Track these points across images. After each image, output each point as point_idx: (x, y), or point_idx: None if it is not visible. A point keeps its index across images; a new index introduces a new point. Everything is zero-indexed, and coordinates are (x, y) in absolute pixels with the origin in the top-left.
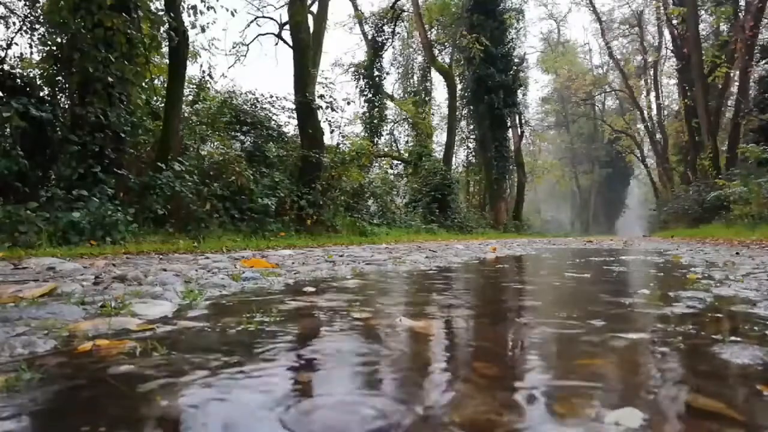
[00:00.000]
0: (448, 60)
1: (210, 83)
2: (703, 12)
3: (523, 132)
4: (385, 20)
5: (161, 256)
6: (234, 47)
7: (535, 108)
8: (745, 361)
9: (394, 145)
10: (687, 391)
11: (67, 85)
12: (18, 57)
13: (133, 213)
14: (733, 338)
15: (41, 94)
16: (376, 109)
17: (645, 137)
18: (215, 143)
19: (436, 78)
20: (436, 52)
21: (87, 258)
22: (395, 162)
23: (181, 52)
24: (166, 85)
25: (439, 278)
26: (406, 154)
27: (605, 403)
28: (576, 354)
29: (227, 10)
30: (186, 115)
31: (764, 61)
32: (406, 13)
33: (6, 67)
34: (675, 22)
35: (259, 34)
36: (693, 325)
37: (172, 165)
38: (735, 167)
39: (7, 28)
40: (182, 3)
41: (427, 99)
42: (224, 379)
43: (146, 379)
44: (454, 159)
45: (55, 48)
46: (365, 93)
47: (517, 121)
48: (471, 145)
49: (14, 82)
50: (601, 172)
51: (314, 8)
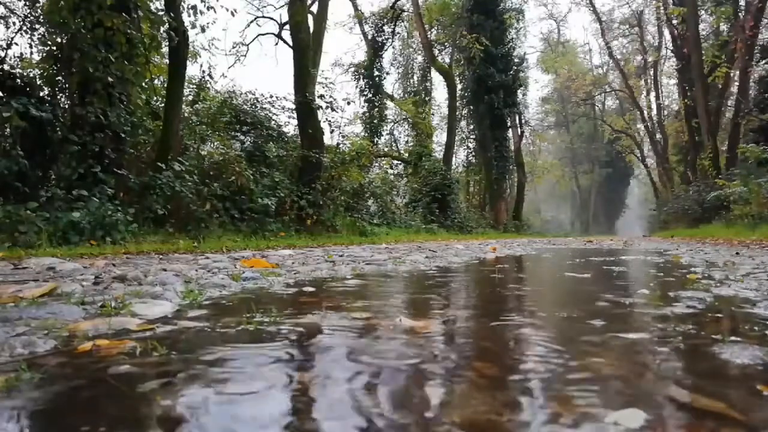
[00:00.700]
0: (448, 60)
1: (210, 83)
2: (703, 12)
3: (523, 132)
4: (385, 20)
5: (161, 256)
6: (234, 47)
7: (535, 108)
8: (745, 361)
9: (394, 145)
10: (687, 391)
11: (67, 85)
12: (18, 57)
13: (133, 213)
14: (733, 338)
15: (41, 94)
16: (376, 109)
17: (645, 137)
18: (215, 143)
19: (436, 78)
20: (436, 52)
21: (87, 258)
22: (395, 162)
23: (181, 52)
24: (166, 85)
25: (439, 278)
26: (406, 154)
27: (605, 403)
28: (576, 354)
29: (227, 10)
30: (186, 115)
31: (764, 61)
32: (406, 13)
33: (6, 67)
34: (675, 22)
35: (259, 34)
36: (693, 325)
37: (172, 165)
38: (735, 167)
39: (7, 28)
40: (182, 3)
41: (427, 99)
42: (224, 380)
43: (146, 379)
44: (454, 159)
45: (55, 48)
46: (365, 93)
47: (517, 121)
48: (471, 145)
49: (14, 82)
50: (601, 172)
51: (314, 8)
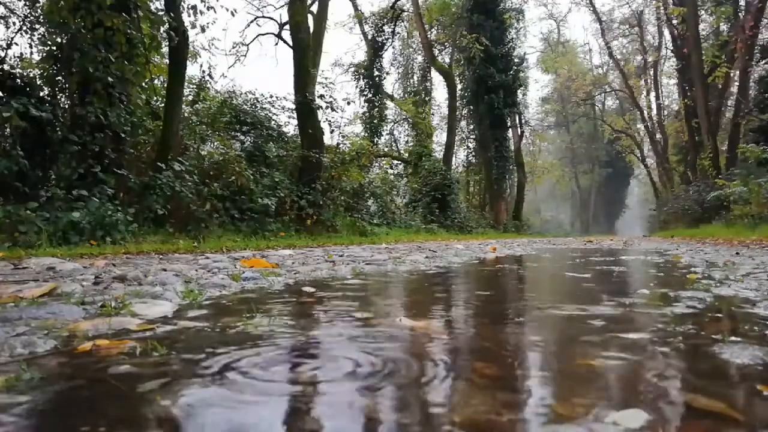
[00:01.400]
0: (448, 60)
1: (210, 83)
2: (703, 12)
3: (523, 132)
4: (385, 20)
5: (161, 256)
6: (234, 47)
7: (535, 108)
8: (745, 361)
9: (394, 145)
10: (687, 390)
11: (67, 85)
12: (18, 57)
13: (133, 213)
14: (733, 338)
15: (41, 94)
16: (376, 109)
17: (645, 137)
18: (215, 143)
19: (436, 78)
20: (436, 52)
21: (87, 258)
22: (395, 162)
23: (181, 52)
24: (166, 85)
25: (439, 278)
26: (406, 154)
27: (606, 403)
28: (576, 354)
29: (227, 10)
30: (186, 115)
31: (764, 61)
32: (406, 13)
33: (6, 67)
34: (675, 22)
35: (259, 34)
36: (693, 325)
37: (172, 165)
38: (735, 167)
39: (7, 28)
40: (182, 3)
41: (427, 99)
42: (224, 380)
43: (146, 379)
44: (454, 159)
45: (55, 48)
46: (365, 93)
47: (517, 121)
48: (471, 145)
49: (14, 82)
50: (601, 172)
51: (314, 8)
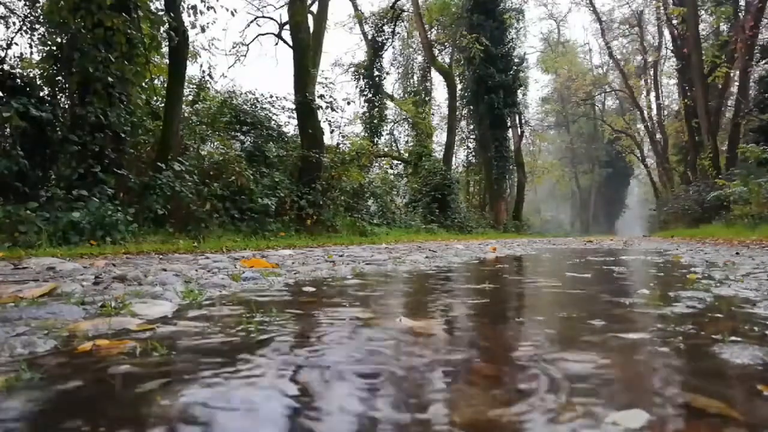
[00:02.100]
0: (448, 60)
1: (210, 83)
2: (703, 12)
3: (523, 132)
4: (385, 20)
5: (161, 256)
6: (234, 47)
7: (535, 108)
8: (745, 361)
9: (394, 145)
10: (687, 390)
11: (67, 85)
12: (18, 57)
13: (133, 213)
14: (733, 338)
15: (41, 94)
16: (376, 109)
17: (645, 137)
18: (215, 143)
19: (436, 78)
20: (436, 52)
21: (87, 258)
22: (395, 162)
23: (181, 52)
24: (166, 85)
25: (439, 278)
26: (406, 154)
27: (606, 403)
28: (576, 354)
29: (227, 10)
30: (186, 115)
31: (764, 61)
32: (406, 13)
33: (6, 67)
34: (675, 22)
35: (259, 34)
36: (693, 325)
37: (172, 165)
38: (735, 167)
39: (7, 28)
40: (182, 3)
41: (427, 99)
42: (224, 380)
43: (146, 379)
44: (454, 159)
45: (55, 48)
46: (365, 93)
47: (517, 121)
48: (471, 145)
49: (14, 82)
50: (601, 172)
51: (314, 8)
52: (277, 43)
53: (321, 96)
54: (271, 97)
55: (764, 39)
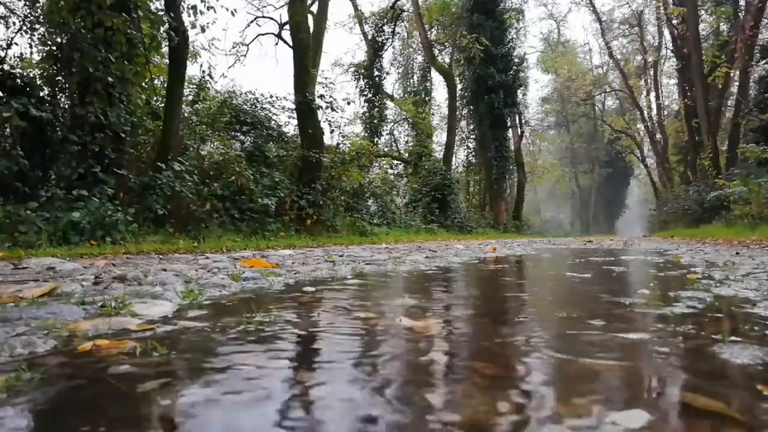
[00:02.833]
0: (448, 60)
1: (210, 83)
2: (703, 12)
3: (523, 132)
4: (385, 20)
5: (161, 256)
6: (234, 47)
7: (535, 108)
8: (745, 361)
9: (394, 145)
10: (687, 390)
11: (67, 85)
12: (18, 57)
13: (133, 213)
14: (733, 338)
15: (41, 94)
16: (376, 109)
17: (645, 137)
18: (215, 143)
19: (436, 78)
20: (436, 52)
21: (87, 258)
22: (395, 162)
23: (181, 52)
24: (166, 85)
25: (438, 278)
26: (406, 154)
27: (606, 403)
28: (576, 354)
29: (227, 10)
30: (186, 115)
31: (764, 61)
32: (406, 13)
33: (6, 67)
34: (675, 22)
35: (259, 34)
36: (693, 325)
37: (172, 165)
38: (735, 167)
39: (7, 28)
40: (182, 3)
41: (427, 99)
42: (224, 380)
43: (146, 379)
44: (454, 159)
45: (55, 48)
46: (365, 93)
47: (517, 121)
48: (471, 145)
49: (14, 82)
50: (601, 172)
51: (314, 8)
52: (277, 43)
53: (321, 96)
54: (271, 97)
55: (764, 39)
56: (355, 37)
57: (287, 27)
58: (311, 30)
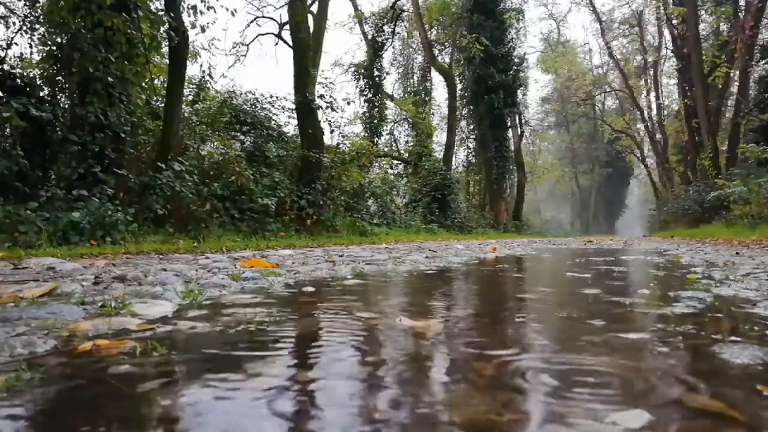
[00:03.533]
0: (448, 60)
1: (210, 83)
2: (703, 12)
3: (523, 132)
4: (385, 20)
5: (161, 256)
6: (234, 47)
7: (535, 108)
8: (745, 361)
9: (394, 145)
10: (687, 390)
11: (67, 85)
12: (18, 57)
13: (133, 213)
14: (733, 338)
15: (41, 94)
16: (376, 109)
17: (645, 137)
18: (215, 143)
19: (436, 78)
20: (436, 52)
21: (87, 258)
22: (395, 162)
23: (181, 52)
24: (166, 85)
25: (438, 278)
26: (406, 154)
27: (606, 403)
28: (576, 354)
29: (227, 10)
30: (186, 115)
31: (764, 61)
32: (406, 13)
33: (6, 67)
34: (675, 22)
35: (259, 34)
36: (693, 325)
37: (172, 165)
38: (735, 167)
39: (7, 28)
40: (182, 3)
41: (427, 99)
42: (224, 380)
43: (146, 379)
44: (454, 159)
45: (55, 48)
46: (365, 93)
47: (517, 121)
48: (471, 145)
49: (14, 82)
50: (601, 172)
51: (314, 8)
52: (277, 43)
53: (321, 96)
54: (271, 97)
55: (764, 39)
56: (355, 37)
57: (287, 27)
58: (311, 30)
